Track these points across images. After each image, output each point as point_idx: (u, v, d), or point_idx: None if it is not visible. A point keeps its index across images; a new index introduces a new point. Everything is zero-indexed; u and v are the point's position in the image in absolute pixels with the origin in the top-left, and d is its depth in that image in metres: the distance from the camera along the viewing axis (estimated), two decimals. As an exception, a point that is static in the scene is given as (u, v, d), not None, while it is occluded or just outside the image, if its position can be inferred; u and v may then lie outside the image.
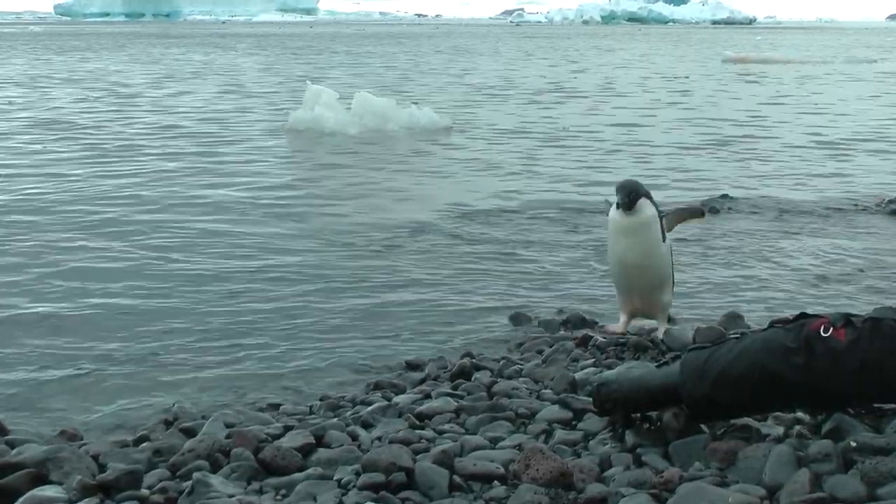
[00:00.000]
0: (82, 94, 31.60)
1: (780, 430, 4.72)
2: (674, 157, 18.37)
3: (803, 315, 4.67)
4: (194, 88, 34.24)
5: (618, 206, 6.65)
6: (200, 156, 17.94)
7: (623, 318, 7.11)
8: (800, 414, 4.79)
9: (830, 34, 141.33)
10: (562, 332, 7.76)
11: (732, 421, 4.79)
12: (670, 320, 7.33)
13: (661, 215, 6.81)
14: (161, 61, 53.40)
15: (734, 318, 7.65)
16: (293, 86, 33.48)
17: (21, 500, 4.37)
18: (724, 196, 13.50)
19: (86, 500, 4.39)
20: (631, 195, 6.62)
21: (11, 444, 5.07)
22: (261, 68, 47.71)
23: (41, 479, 4.59)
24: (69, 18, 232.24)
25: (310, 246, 10.77)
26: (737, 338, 5.05)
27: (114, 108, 26.72)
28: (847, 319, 4.51)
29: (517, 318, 8.16)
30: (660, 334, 6.87)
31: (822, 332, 4.47)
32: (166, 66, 49.14)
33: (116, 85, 35.52)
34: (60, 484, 4.56)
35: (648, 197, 6.74)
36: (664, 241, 6.82)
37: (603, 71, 46.97)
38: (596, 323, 7.90)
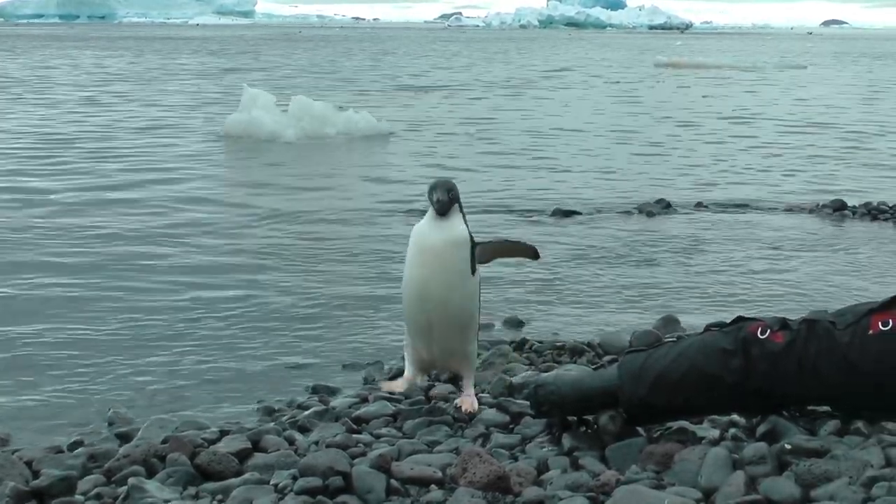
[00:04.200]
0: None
1: (716, 432, 4.76)
2: (607, 159, 18.47)
3: (740, 318, 4.72)
4: (124, 91, 33.88)
5: (435, 205, 5.31)
6: (129, 162, 17.68)
7: (411, 369, 5.72)
8: (735, 416, 4.83)
9: (764, 40, 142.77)
10: (499, 336, 7.78)
11: (669, 424, 4.83)
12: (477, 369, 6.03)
13: (474, 241, 5.45)
14: (88, 64, 52.85)
15: (670, 322, 7.71)
16: (229, 89, 33.24)
17: (-48, 507, 4.32)
18: (660, 200, 13.58)
19: (19, 506, 4.34)
20: (451, 193, 5.31)
21: (-58, 451, 4.99)
22: (196, 71, 47.35)
23: (-28, 486, 4.54)
24: (1, 20, 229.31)
25: (245, 253, 10.70)
26: (673, 341, 5.09)
27: (38, 114, 26.38)
28: (783, 322, 4.56)
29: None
30: (465, 405, 5.50)
31: (759, 335, 4.51)
32: (96, 68, 48.62)
33: (37, 89, 35.10)
34: (-8, 491, 4.51)
35: (462, 212, 5.47)
36: (474, 273, 5.40)
37: (536, 74, 47.09)
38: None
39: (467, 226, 5.41)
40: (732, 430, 4.73)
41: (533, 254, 5.74)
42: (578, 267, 10.08)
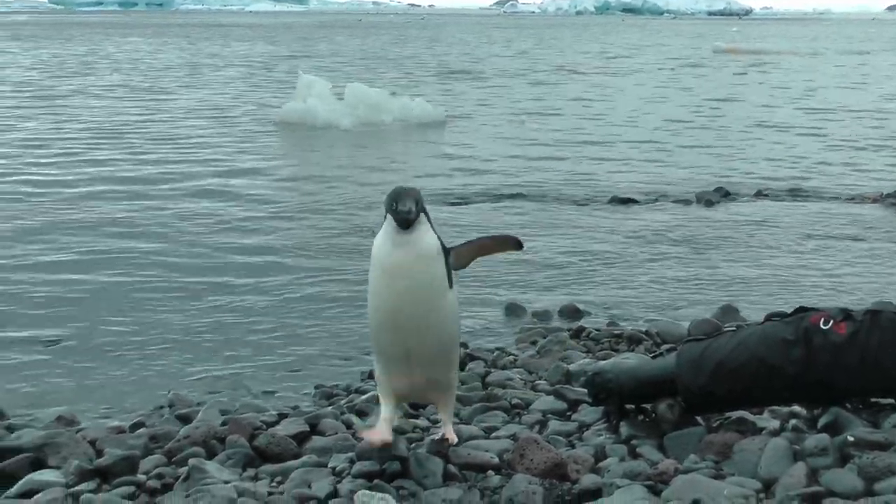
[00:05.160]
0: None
1: (777, 423, 4.72)
2: (664, 147, 18.34)
3: (802, 309, 4.67)
4: (182, 79, 34.09)
5: (397, 219, 4.34)
6: (187, 150, 17.73)
7: (388, 407, 4.60)
8: (796, 407, 4.79)
9: (825, 25, 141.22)
10: (556, 324, 7.77)
11: (728, 413, 4.79)
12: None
13: (446, 248, 4.52)
14: (151, 51, 53.24)
15: (729, 311, 7.66)
16: (284, 76, 33.35)
17: (19, 483, 4.39)
18: (719, 189, 13.48)
19: (83, 484, 4.40)
20: (419, 205, 4.36)
21: (10, 429, 5.08)
22: (253, 58, 47.57)
23: (39, 464, 4.63)
24: (62, 8, 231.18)
25: (300, 240, 10.74)
26: (733, 331, 5.05)
27: (92, 100, 26.58)
28: (847, 313, 4.51)
29: (512, 309, 8.15)
30: (450, 435, 4.65)
31: (821, 326, 4.46)
32: (152, 56, 48.96)
33: (97, 75, 35.38)
34: (58, 468, 4.58)
35: (429, 217, 4.50)
36: (451, 285, 4.51)
37: (591, 60, 46.89)
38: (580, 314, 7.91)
39: (436, 232, 4.50)
40: (793, 421, 4.69)
41: (515, 244, 4.87)
42: (636, 256, 10.04)
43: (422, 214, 4.40)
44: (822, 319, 4.48)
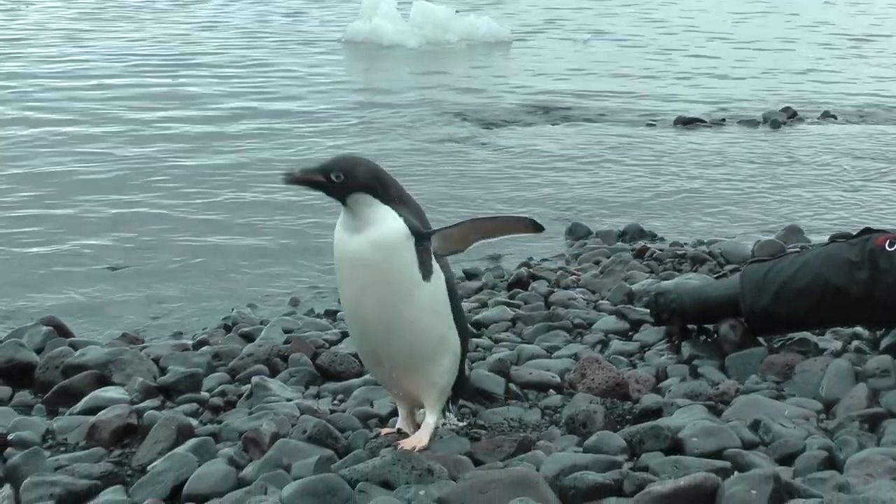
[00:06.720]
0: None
1: (838, 344, 4.71)
2: (734, 66, 17.97)
3: (867, 230, 4.63)
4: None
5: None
6: (250, 69, 17.62)
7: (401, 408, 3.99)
8: (858, 329, 4.77)
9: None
10: (619, 244, 7.75)
11: (790, 335, 4.78)
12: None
13: (421, 232, 3.69)
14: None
15: (794, 232, 7.60)
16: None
17: (84, 400, 4.47)
18: (786, 109, 13.26)
19: (147, 401, 4.48)
20: (336, 174, 3.66)
21: (74, 347, 5.15)
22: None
23: (104, 381, 4.70)
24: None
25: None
26: (797, 252, 5.02)
27: (146, 30, 26.48)
28: (913, 235, 4.47)
29: (575, 230, 8.13)
30: (423, 438, 3.69)
31: (886, 247, 4.42)
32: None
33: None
34: (122, 385, 4.66)
35: (395, 195, 3.72)
36: (428, 277, 3.67)
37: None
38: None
39: (406, 213, 3.68)
40: (855, 343, 4.68)
41: (526, 226, 3.91)
42: (701, 176, 9.95)
43: (383, 191, 3.67)
44: (888, 241, 4.44)
